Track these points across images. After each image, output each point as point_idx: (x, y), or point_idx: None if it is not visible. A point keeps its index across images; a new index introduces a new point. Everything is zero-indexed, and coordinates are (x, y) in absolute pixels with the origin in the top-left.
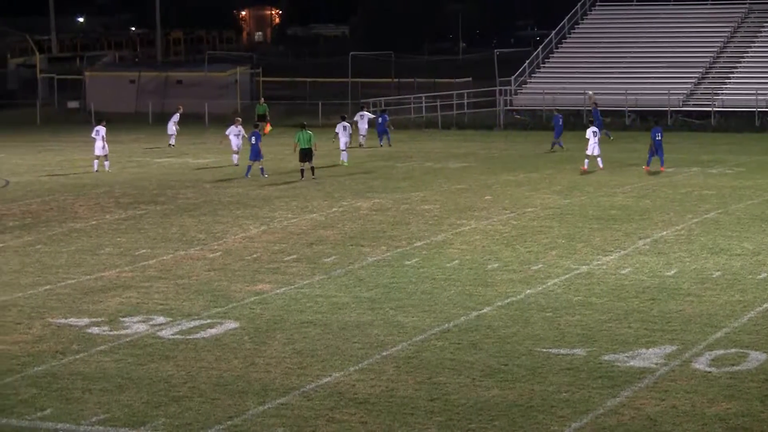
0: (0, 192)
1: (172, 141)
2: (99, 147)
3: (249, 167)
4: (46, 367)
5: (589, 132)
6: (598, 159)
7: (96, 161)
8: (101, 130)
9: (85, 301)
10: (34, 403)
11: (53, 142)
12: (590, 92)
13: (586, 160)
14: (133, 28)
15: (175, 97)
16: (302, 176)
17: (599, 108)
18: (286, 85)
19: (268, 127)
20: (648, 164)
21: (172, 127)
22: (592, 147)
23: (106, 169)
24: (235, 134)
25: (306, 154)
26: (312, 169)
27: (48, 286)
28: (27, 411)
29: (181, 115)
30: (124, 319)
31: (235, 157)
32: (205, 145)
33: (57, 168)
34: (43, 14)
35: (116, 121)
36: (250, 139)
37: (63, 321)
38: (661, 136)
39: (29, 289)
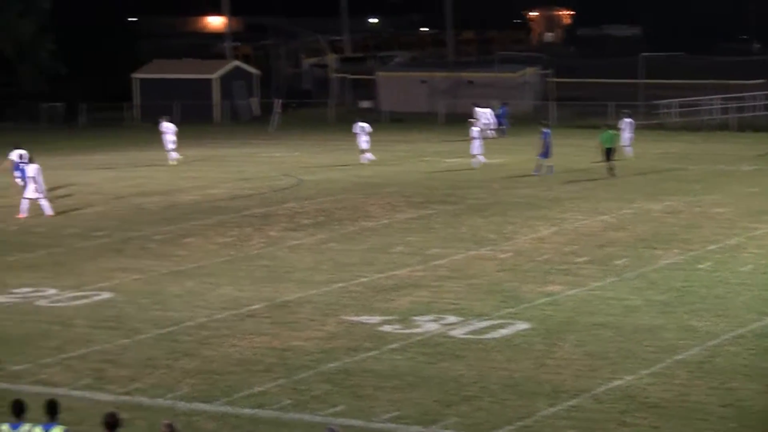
0: (294, 190)
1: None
2: (363, 141)
3: (541, 166)
4: (339, 364)
5: None
6: None
7: (365, 155)
8: (367, 126)
9: (378, 299)
10: (327, 399)
11: (346, 142)
12: None
13: None
14: (425, 29)
15: (466, 98)
16: (612, 173)
17: None
18: (575, 86)
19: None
20: None
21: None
22: None
23: (364, 161)
24: (475, 136)
25: (610, 153)
26: (612, 168)
27: (341, 284)
28: (320, 407)
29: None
30: (415, 317)
31: (475, 161)
32: (496, 145)
33: (349, 167)
34: (336, 15)
35: (408, 121)
36: (545, 138)
37: (356, 318)
38: None
39: (323, 287)
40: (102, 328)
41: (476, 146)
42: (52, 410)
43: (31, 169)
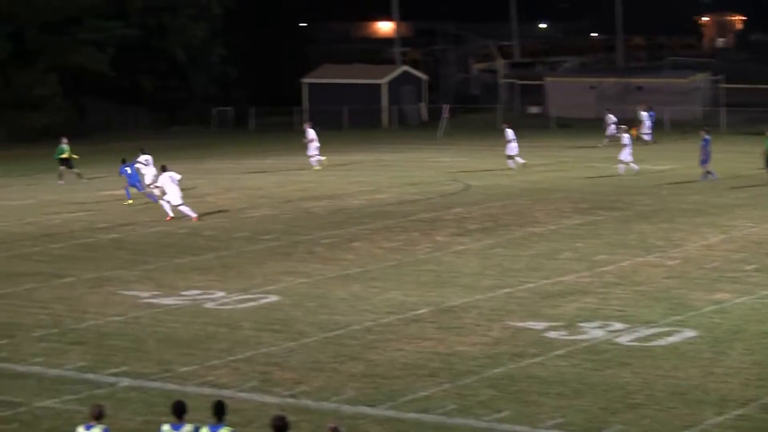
0: (461, 195)
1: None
2: (513, 147)
3: (706, 172)
4: (504, 370)
5: None
6: None
7: (511, 161)
8: (510, 132)
9: (543, 305)
10: (492, 405)
11: None
12: None
13: None
14: (594, 34)
15: (635, 103)
16: None
17: None
18: (747, 92)
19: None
20: None
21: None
22: None
23: (520, 162)
24: (626, 143)
25: None
26: None
27: (507, 290)
28: (485, 412)
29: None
30: (581, 324)
31: (622, 167)
32: (665, 151)
33: (517, 172)
34: (506, 20)
35: (576, 127)
36: (705, 145)
37: (521, 324)
38: None
39: (488, 292)
40: (268, 330)
41: (626, 153)
42: (220, 411)
43: (165, 177)
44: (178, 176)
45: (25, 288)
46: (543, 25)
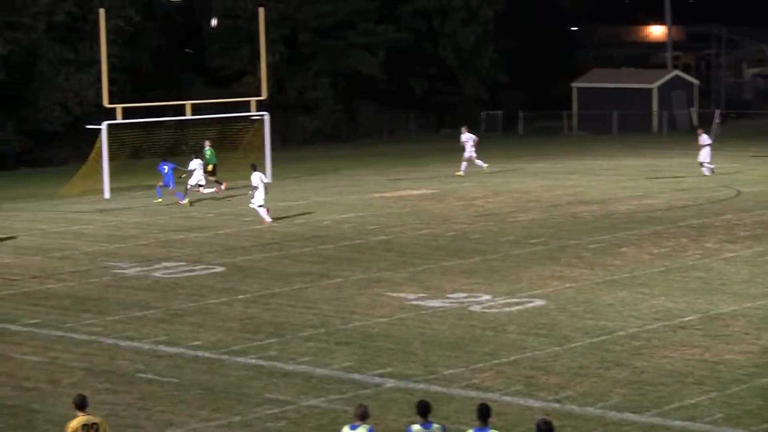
0: (732, 202)
1: None
2: (705, 153)
3: None
4: None
5: None
6: None
7: (704, 167)
8: (705, 138)
9: None
10: (761, 415)
11: None
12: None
13: None
14: None
15: None
16: None
17: None
18: None
19: None
20: None
21: None
22: None
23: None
24: None
25: None
26: None
27: None
28: (753, 422)
29: None
30: None
31: None
32: None
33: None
34: None
35: None
36: None
37: None
38: None
39: (758, 300)
40: (533, 335)
41: None
42: (484, 415)
43: (255, 177)
44: (266, 179)
45: (295, 288)
46: None
